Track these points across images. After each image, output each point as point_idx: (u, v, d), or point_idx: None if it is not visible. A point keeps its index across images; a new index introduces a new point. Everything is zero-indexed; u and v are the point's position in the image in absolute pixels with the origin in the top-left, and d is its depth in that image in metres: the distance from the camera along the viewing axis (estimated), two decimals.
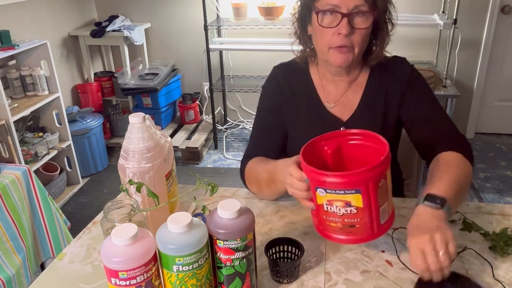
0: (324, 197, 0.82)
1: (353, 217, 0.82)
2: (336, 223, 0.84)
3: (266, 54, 3.39)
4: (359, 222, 0.83)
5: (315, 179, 0.82)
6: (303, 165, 0.85)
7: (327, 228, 0.87)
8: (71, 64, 3.44)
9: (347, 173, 0.80)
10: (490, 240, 1.00)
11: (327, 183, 0.80)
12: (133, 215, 0.85)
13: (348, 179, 0.79)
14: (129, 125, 0.95)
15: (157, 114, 3.48)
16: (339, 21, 1.03)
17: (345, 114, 1.18)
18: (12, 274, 1.80)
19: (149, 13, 3.63)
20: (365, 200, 0.80)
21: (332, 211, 0.83)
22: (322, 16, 1.05)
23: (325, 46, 1.08)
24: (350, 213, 0.82)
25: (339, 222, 0.84)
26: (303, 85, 1.21)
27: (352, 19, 1.03)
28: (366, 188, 0.79)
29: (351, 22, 1.03)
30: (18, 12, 2.86)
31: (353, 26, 1.04)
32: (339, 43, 1.05)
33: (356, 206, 0.81)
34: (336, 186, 0.80)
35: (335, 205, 0.82)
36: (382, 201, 0.83)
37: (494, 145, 3.44)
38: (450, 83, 3.09)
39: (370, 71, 1.19)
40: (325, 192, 0.81)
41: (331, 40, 1.06)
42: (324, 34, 1.07)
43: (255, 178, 1.17)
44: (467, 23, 3.23)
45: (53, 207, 2.04)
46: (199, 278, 0.76)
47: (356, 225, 0.83)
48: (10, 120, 2.39)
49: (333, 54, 1.08)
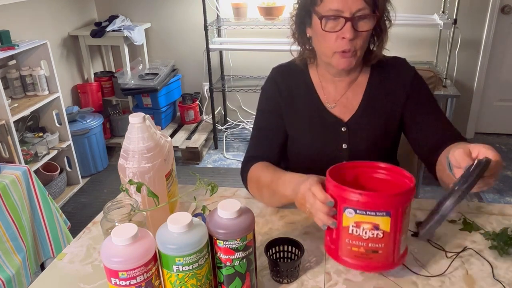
0: (352, 218, 0.81)
1: (379, 242, 0.82)
2: (359, 248, 0.83)
3: (266, 54, 3.39)
4: (383, 248, 0.82)
5: (346, 198, 0.81)
6: (333, 183, 0.84)
7: (347, 253, 0.86)
8: (71, 64, 3.44)
9: (382, 194, 0.80)
10: (490, 240, 1.00)
11: (359, 202, 0.80)
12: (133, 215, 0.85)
13: (381, 200, 0.79)
14: (129, 125, 0.95)
15: (157, 114, 3.48)
16: (343, 25, 1.03)
17: (345, 114, 1.18)
18: (12, 274, 1.80)
19: (149, 13, 3.63)
20: (393, 225, 0.80)
21: (357, 234, 0.82)
22: (325, 21, 1.04)
23: (329, 51, 1.08)
24: (376, 237, 0.81)
25: (362, 247, 0.83)
26: (302, 86, 1.21)
27: (356, 23, 1.03)
28: (396, 211, 0.79)
29: (354, 26, 1.03)
30: (18, 12, 2.86)
31: (357, 30, 1.03)
32: (343, 47, 1.05)
33: (383, 230, 0.81)
34: (368, 207, 0.79)
35: (362, 227, 0.81)
36: (405, 229, 0.84)
37: (494, 145, 3.42)
38: (450, 83, 3.09)
39: (371, 71, 1.19)
40: (355, 212, 0.81)
41: (335, 44, 1.06)
42: (328, 38, 1.06)
43: (256, 185, 1.17)
44: (467, 23, 3.24)
45: (53, 207, 2.04)
46: (199, 278, 0.76)
47: (380, 250, 0.83)
48: (10, 120, 2.39)
49: (336, 58, 1.08)
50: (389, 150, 1.25)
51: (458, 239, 1.02)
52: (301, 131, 1.21)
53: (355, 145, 1.18)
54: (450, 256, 0.96)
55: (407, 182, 0.87)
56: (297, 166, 1.27)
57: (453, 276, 0.91)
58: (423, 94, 1.18)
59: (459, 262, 0.95)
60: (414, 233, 1.03)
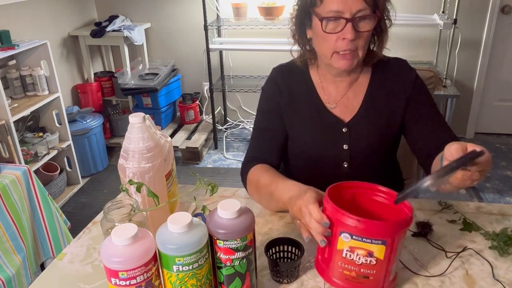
0: (347, 243, 0.81)
1: (371, 268, 0.82)
2: (351, 272, 0.83)
3: (266, 54, 3.40)
4: (374, 274, 0.82)
5: (343, 222, 0.80)
6: (331, 205, 0.83)
7: (338, 275, 0.86)
8: (71, 64, 3.44)
9: (381, 222, 0.80)
10: (490, 240, 1.00)
11: (356, 228, 0.79)
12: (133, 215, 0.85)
13: (380, 228, 0.79)
14: (129, 125, 0.95)
15: (157, 114, 3.48)
16: (343, 26, 1.02)
17: (346, 115, 1.18)
18: (12, 274, 1.80)
19: (149, 13, 3.63)
20: (387, 253, 0.80)
21: (350, 258, 0.82)
22: (326, 22, 1.04)
23: (330, 51, 1.07)
24: (369, 264, 0.81)
25: (354, 271, 0.83)
26: (302, 86, 1.21)
27: (356, 23, 1.02)
28: (392, 241, 0.79)
29: (355, 26, 1.02)
30: (18, 12, 2.86)
31: (357, 30, 1.03)
32: (344, 47, 1.05)
33: (377, 257, 0.80)
34: (366, 234, 0.79)
35: (357, 252, 0.81)
36: (397, 257, 0.84)
37: (494, 145, 3.44)
38: (450, 83, 3.09)
39: (372, 72, 1.18)
40: (351, 238, 0.80)
41: (336, 45, 1.05)
42: (328, 39, 1.06)
43: (255, 187, 1.16)
44: (467, 23, 3.24)
45: (53, 207, 2.04)
46: (199, 278, 0.76)
47: (371, 276, 0.83)
48: (10, 120, 2.39)
49: (337, 59, 1.08)
50: (389, 150, 1.24)
51: (458, 239, 1.02)
52: (302, 131, 1.21)
53: (356, 145, 1.18)
54: (450, 256, 0.96)
55: (405, 210, 0.86)
56: (297, 166, 1.27)
57: (453, 276, 0.91)
58: (424, 98, 1.17)
59: (459, 262, 0.95)
60: (414, 233, 1.03)
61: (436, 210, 1.14)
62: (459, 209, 1.13)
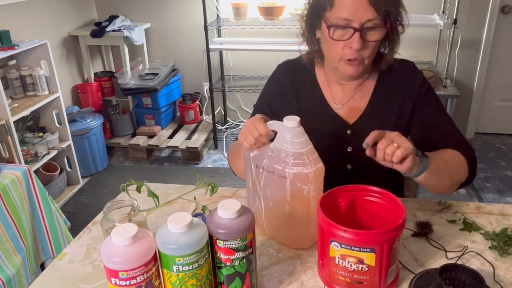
0: (338, 251, 0.83)
1: (363, 275, 0.83)
2: (345, 277, 0.85)
3: (266, 54, 3.39)
4: (367, 280, 0.83)
5: (332, 232, 0.82)
6: (321, 216, 0.84)
7: (334, 280, 0.87)
8: (71, 64, 3.44)
9: (366, 232, 0.81)
10: (490, 240, 1.00)
11: (344, 238, 0.80)
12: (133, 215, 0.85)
13: (366, 238, 0.80)
14: None
15: (157, 114, 3.48)
16: (351, 35, 1.01)
17: (351, 117, 1.17)
18: (12, 274, 1.80)
19: (149, 13, 3.63)
20: (378, 260, 0.81)
21: (343, 265, 0.83)
22: (333, 30, 1.03)
23: (336, 57, 1.07)
24: (361, 270, 0.82)
25: (348, 277, 0.84)
26: (308, 84, 1.20)
27: (364, 33, 1.01)
28: (381, 248, 0.80)
29: (363, 36, 1.01)
30: (18, 12, 2.86)
31: (365, 40, 1.02)
32: (350, 56, 1.04)
33: (368, 264, 0.81)
34: (353, 243, 0.80)
35: (348, 260, 0.82)
36: (392, 262, 0.84)
37: (494, 145, 3.44)
38: (450, 83, 3.09)
39: (379, 75, 1.17)
40: (340, 246, 0.82)
41: (342, 52, 1.05)
42: (335, 46, 1.05)
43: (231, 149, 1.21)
44: (467, 23, 3.23)
45: (53, 207, 2.04)
46: (199, 278, 0.76)
47: (364, 282, 0.84)
48: (10, 120, 2.39)
49: (343, 65, 1.07)
50: None
51: (458, 239, 1.02)
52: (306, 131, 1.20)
53: (360, 148, 1.17)
54: (451, 258, 0.96)
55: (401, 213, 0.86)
56: None
57: None
58: (431, 102, 1.16)
59: (459, 262, 0.95)
60: (414, 233, 1.03)
61: (436, 210, 1.14)
62: (459, 209, 1.13)
